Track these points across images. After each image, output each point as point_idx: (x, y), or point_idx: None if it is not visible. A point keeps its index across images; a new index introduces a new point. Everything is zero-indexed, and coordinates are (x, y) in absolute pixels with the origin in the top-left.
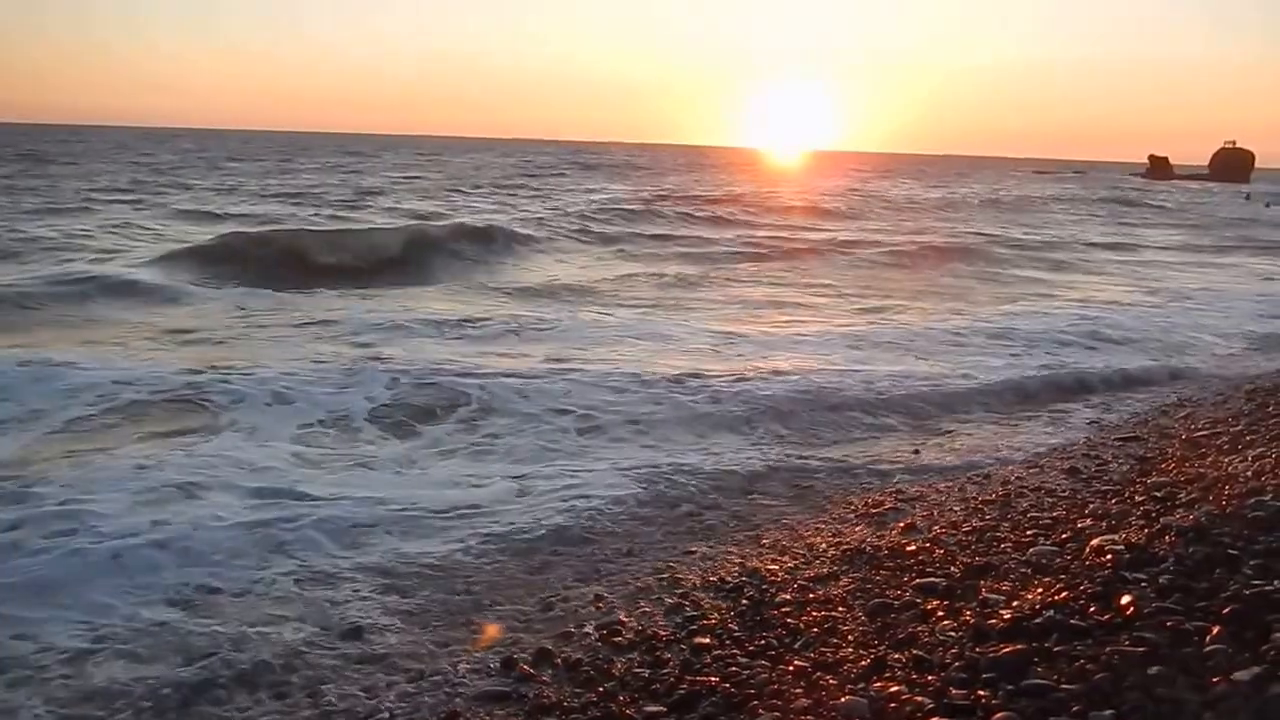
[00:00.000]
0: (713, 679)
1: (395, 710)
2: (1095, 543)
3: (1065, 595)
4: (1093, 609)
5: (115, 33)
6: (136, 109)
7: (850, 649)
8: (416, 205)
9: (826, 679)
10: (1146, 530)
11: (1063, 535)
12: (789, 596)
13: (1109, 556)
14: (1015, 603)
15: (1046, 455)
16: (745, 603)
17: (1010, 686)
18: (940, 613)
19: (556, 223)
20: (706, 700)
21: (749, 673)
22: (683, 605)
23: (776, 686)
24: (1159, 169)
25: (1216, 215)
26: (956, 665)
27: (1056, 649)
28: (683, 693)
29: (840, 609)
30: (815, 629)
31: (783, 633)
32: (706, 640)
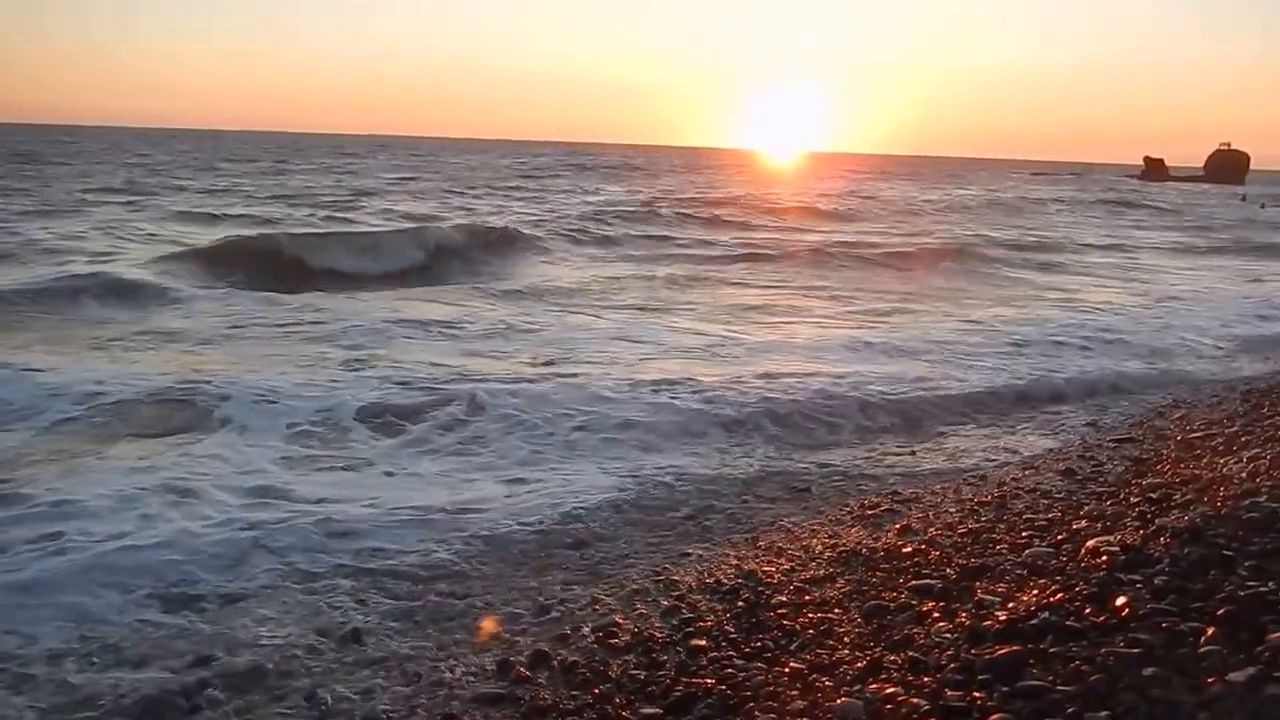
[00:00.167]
0: (708, 681)
1: (391, 713)
2: (1090, 544)
3: (1061, 597)
4: (1088, 610)
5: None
6: (132, 110)
7: (846, 651)
8: (411, 207)
9: (822, 681)
10: (1141, 532)
11: (1058, 537)
12: (785, 598)
13: (1104, 558)
14: (1011, 604)
15: (1042, 457)
16: (741, 605)
17: (1006, 688)
18: (936, 614)
19: (552, 224)
20: (702, 702)
21: (745, 675)
22: (679, 607)
23: (772, 689)
24: (1154, 171)
25: (1213, 217)
26: (952, 667)
27: (1052, 650)
28: (679, 695)
29: (836, 611)
30: (811, 631)
31: (779, 635)
32: (702, 642)
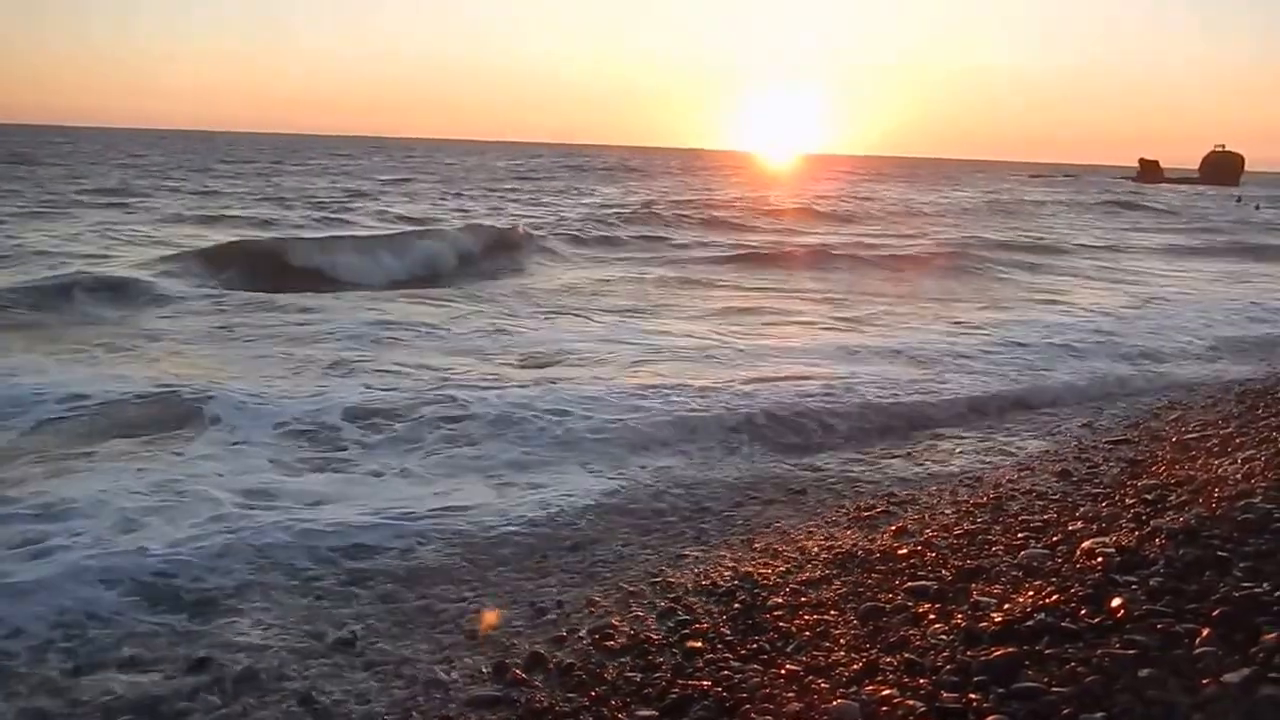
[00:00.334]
0: (705, 683)
1: (387, 716)
2: (1086, 545)
3: (1056, 598)
4: (1084, 612)
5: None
6: (129, 111)
7: (842, 653)
8: (406, 209)
9: (818, 683)
10: (1137, 533)
11: (1054, 538)
12: (781, 600)
13: (1100, 559)
14: (1006, 606)
15: (1037, 458)
16: (737, 607)
17: (1001, 689)
18: (932, 616)
19: (548, 226)
20: (698, 704)
21: (741, 677)
22: (675, 609)
23: (768, 690)
24: (1150, 172)
25: (1209, 219)
26: (948, 668)
27: (1048, 652)
28: (675, 697)
29: (832, 613)
30: (807, 633)
31: (775, 637)
32: (698, 644)
